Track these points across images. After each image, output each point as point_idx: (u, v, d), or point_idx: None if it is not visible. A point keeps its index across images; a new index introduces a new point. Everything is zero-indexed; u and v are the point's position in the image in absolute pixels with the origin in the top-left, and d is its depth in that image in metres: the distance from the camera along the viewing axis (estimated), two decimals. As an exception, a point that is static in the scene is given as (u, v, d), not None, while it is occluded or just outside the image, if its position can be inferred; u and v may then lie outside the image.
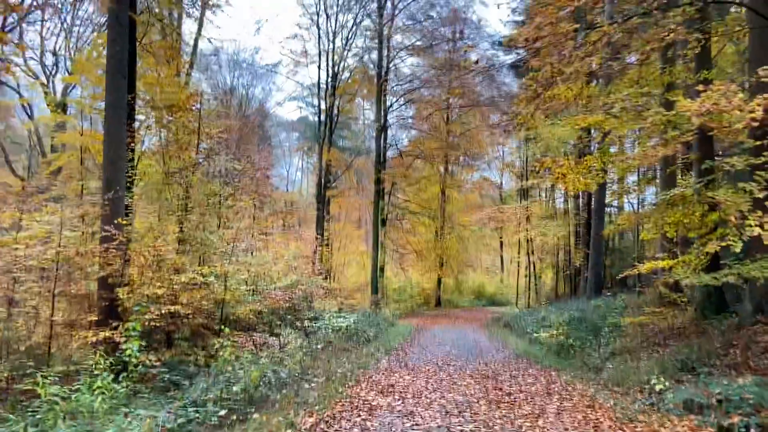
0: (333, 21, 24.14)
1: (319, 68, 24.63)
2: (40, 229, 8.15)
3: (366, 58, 25.85)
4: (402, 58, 26.40)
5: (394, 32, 25.04)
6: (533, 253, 27.53)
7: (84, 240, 9.18)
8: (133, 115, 10.23)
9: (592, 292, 17.32)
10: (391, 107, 26.67)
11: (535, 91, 7.99)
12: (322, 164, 24.52)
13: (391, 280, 27.91)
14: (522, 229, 26.66)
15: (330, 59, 24.21)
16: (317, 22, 24.04)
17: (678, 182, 10.66)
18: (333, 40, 24.13)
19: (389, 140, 27.27)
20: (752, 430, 4.78)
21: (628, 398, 6.63)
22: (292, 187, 43.56)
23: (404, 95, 26.84)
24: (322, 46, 24.20)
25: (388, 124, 26.21)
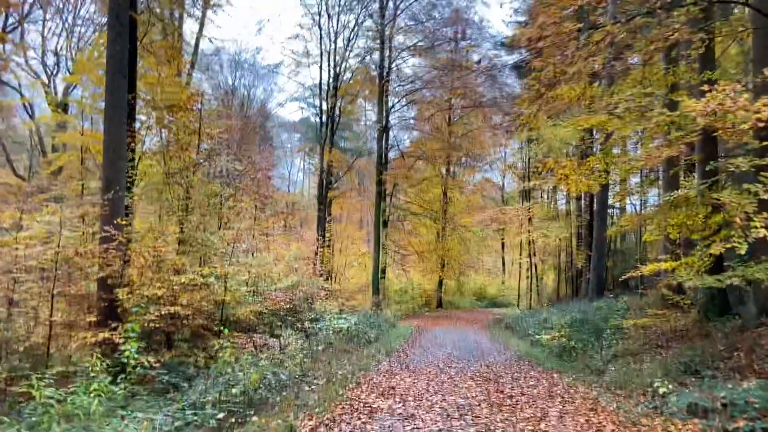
0: (335, 21, 24.14)
1: (321, 69, 24.64)
2: (40, 229, 8.12)
3: (368, 59, 25.82)
4: (404, 59, 26.38)
5: (395, 33, 25.00)
6: (535, 255, 27.45)
7: (84, 240, 9.15)
8: (133, 115, 10.21)
9: (594, 294, 17.25)
10: (393, 108, 26.64)
11: (538, 91, 7.93)
12: (323, 165, 24.48)
13: (392, 282, 27.85)
14: (524, 231, 26.59)
15: (332, 60, 24.19)
16: (319, 22, 24.04)
17: (681, 184, 10.59)
18: (335, 40, 24.12)
19: (391, 141, 27.23)
20: (758, 435, 4.72)
21: (631, 401, 6.56)
22: (293, 188, 43.61)
23: (406, 96, 26.80)
24: (324, 46, 24.20)
25: (389, 124, 26.15)
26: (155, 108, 11.54)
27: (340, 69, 24.39)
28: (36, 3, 17.68)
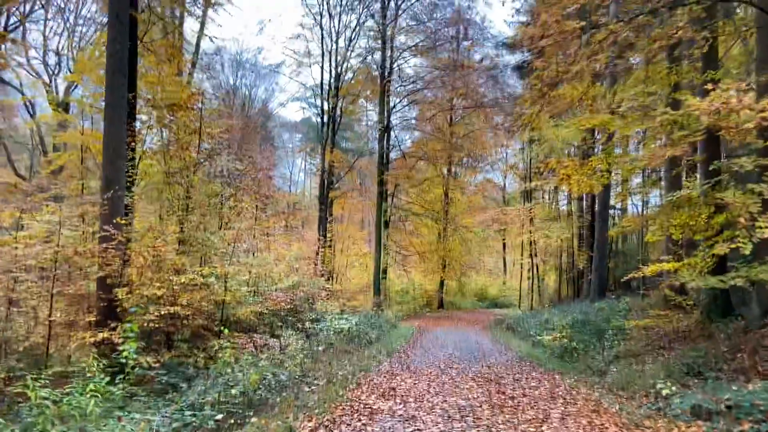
0: (336, 21, 24.09)
1: (322, 69, 24.64)
2: (40, 228, 8.09)
3: (369, 59, 25.76)
4: (405, 59, 26.33)
5: (397, 33, 24.95)
6: (536, 255, 27.38)
7: (84, 239, 9.12)
8: (133, 114, 10.17)
9: (596, 295, 17.20)
10: (395, 108, 26.60)
11: (541, 90, 7.87)
12: (324, 165, 24.43)
13: (393, 282, 27.79)
14: (525, 231, 26.52)
15: (333, 60, 24.15)
16: (320, 22, 24.01)
17: (684, 184, 10.53)
18: (336, 40, 24.08)
19: (392, 141, 27.18)
20: (763, 438, 4.67)
21: (634, 403, 6.50)
22: (295, 188, 43.58)
23: (407, 96, 26.76)
24: (325, 46, 24.17)
25: (391, 125, 26.10)
26: (156, 107, 11.50)
27: (341, 69, 24.37)
28: (38, 2, 17.68)
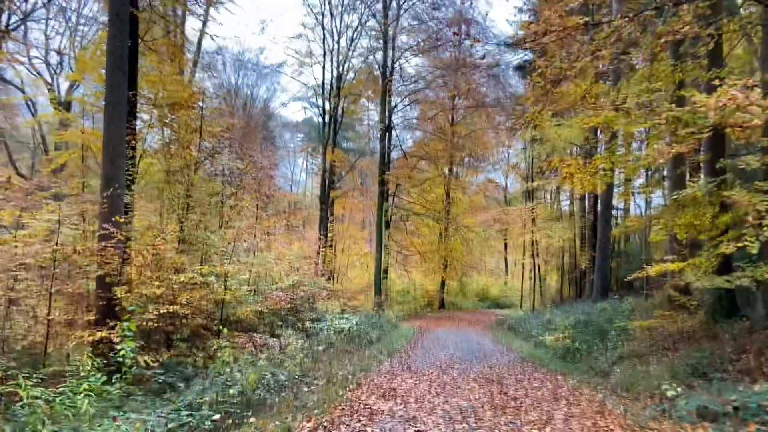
0: (338, 21, 24.03)
1: (324, 68, 24.54)
2: (39, 226, 8.03)
3: (371, 59, 25.70)
4: (407, 59, 26.24)
5: (399, 32, 24.86)
6: (538, 256, 27.28)
7: (84, 238, 9.06)
8: (134, 113, 10.11)
9: (598, 295, 17.10)
10: (396, 108, 26.52)
11: (544, 87, 7.79)
12: (326, 165, 24.37)
13: (394, 282, 27.71)
14: (527, 231, 26.41)
15: (335, 59, 24.10)
16: (322, 22, 23.94)
17: (688, 184, 10.43)
18: (338, 40, 24.02)
19: (394, 141, 27.10)
20: (770, 440, 4.58)
21: (639, 404, 6.42)
22: (296, 188, 43.52)
23: (409, 96, 26.69)
24: (327, 46, 24.10)
25: (392, 124, 26.03)
26: (157, 106, 11.46)
27: (343, 69, 24.32)
28: (39, 1, 17.65)
